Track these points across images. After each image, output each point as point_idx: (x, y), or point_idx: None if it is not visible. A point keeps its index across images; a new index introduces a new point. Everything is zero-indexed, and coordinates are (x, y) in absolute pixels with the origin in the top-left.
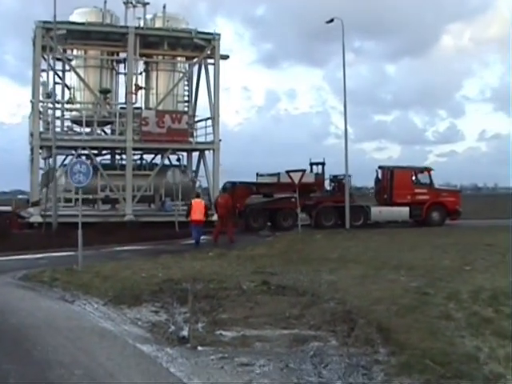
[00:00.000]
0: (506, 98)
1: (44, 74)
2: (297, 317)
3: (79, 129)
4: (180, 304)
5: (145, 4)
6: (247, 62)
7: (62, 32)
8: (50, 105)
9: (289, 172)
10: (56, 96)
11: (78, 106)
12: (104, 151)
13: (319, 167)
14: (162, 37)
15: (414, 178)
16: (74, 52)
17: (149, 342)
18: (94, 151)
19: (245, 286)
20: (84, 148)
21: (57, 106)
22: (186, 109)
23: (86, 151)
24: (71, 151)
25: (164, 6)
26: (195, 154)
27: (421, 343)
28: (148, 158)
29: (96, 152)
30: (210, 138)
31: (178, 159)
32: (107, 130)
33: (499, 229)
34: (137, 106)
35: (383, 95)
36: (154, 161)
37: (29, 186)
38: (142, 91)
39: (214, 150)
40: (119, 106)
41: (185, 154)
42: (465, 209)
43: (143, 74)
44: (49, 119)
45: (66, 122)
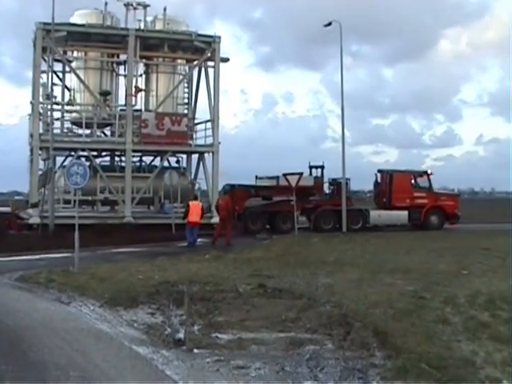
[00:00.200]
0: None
1: (44, 76)
2: (293, 320)
3: (79, 130)
4: (176, 306)
5: (145, 6)
6: (244, 65)
7: (63, 34)
8: (50, 106)
9: (286, 175)
10: (56, 97)
11: (77, 107)
12: (104, 153)
13: (318, 170)
14: (163, 39)
15: (413, 181)
16: (75, 54)
17: (145, 344)
18: (93, 153)
19: (241, 288)
20: (84, 150)
21: (57, 107)
22: (185, 111)
23: (85, 153)
24: (71, 153)
25: (164, 9)
26: (195, 157)
27: (417, 347)
28: (147, 160)
29: (95, 154)
30: (210, 141)
31: (178, 161)
32: (107, 131)
33: (497, 233)
34: (137, 108)
35: (381, 99)
36: (153, 163)
37: (26, 186)
38: (142, 93)
39: (213, 153)
40: (119, 108)
41: (184, 156)
42: (462, 213)
43: (143, 76)
44: (48, 120)
45: (66, 124)
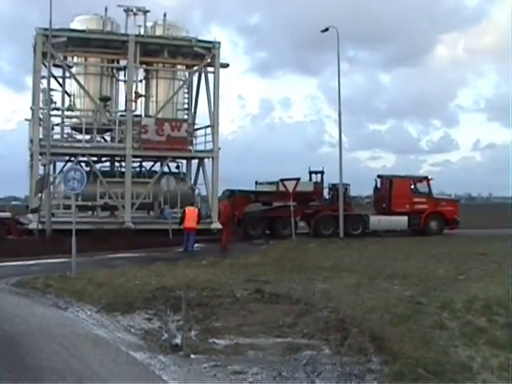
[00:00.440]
0: (500, 107)
1: (44, 81)
2: (290, 325)
3: (79, 136)
4: (173, 312)
5: (145, 12)
6: (241, 71)
7: (63, 39)
8: (50, 112)
9: (283, 180)
10: (56, 103)
11: (77, 113)
12: (103, 158)
13: (318, 176)
14: (162, 45)
15: (413, 187)
16: (75, 59)
17: (142, 349)
18: (93, 158)
19: (238, 294)
20: (83, 155)
21: (57, 113)
22: (185, 117)
23: (85, 158)
24: (71, 158)
25: (164, 14)
26: (194, 162)
27: (414, 352)
28: (147, 165)
29: (95, 159)
30: (210, 146)
31: (178, 167)
32: (107, 137)
33: (494, 238)
34: (136, 113)
35: (378, 104)
36: (153, 168)
37: (23, 192)
38: (142, 99)
39: (213, 158)
40: (119, 114)
41: (184, 161)
42: (460, 218)
43: (143, 81)
44: (48, 125)
45: (66, 129)
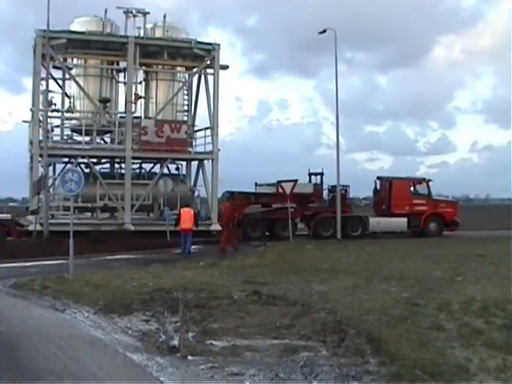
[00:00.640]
0: (498, 109)
1: (44, 83)
2: (287, 327)
3: (79, 137)
4: (171, 313)
5: (145, 14)
6: (239, 72)
7: (63, 41)
8: (50, 113)
9: (280, 182)
10: (55, 105)
11: (77, 114)
12: (103, 160)
13: (318, 178)
14: (162, 46)
15: (413, 188)
16: (74, 61)
17: (139, 350)
18: (93, 160)
19: (236, 295)
20: (83, 157)
21: (57, 114)
22: (185, 118)
23: (85, 160)
24: (70, 160)
25: (164, 16)
26: (194, 164)
27: (411, 354)
28: (147, 167)
29: (95, 161)
30: (209, 148)
31: (177, 168)
32: (107, 138)
33: (492, 240)
34: (136, 115)
35: (375, 106)
36: (153, 170)
37: (21, 193)
38: (142, 100)
39: (212, 160)
40: (119, 115)
41: (184, 163)
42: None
43: (143, 83)
44: (48, 127)
45: (66, 131)
